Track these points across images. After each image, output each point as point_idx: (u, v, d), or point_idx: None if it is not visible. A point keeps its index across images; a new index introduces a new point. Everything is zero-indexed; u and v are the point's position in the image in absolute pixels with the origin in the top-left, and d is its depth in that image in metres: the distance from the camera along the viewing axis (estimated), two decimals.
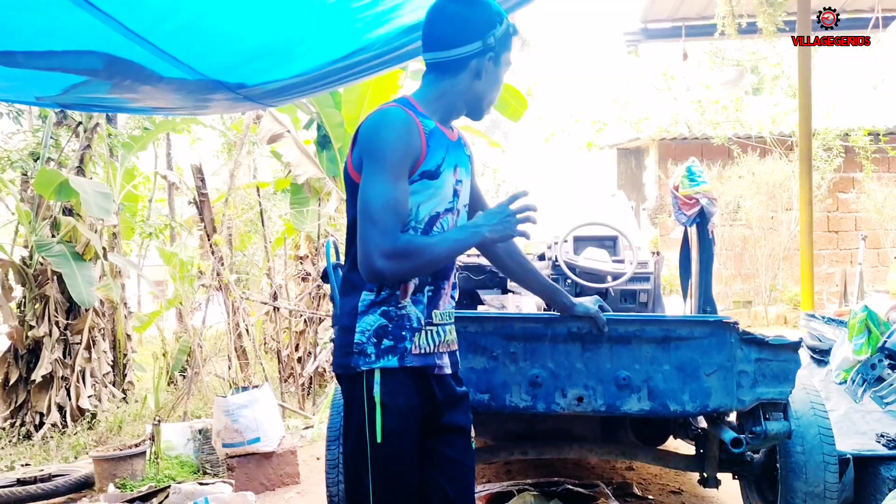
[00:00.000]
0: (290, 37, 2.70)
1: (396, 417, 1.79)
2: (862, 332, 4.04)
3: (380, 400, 1.78)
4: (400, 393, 1.80)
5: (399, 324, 1.82)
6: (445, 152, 1.87)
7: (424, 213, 1.84)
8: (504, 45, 1.91)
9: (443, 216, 1.88)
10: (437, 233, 1.86)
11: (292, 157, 6.67)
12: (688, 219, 3.80)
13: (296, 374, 6.54)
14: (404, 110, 1.81)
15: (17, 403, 5.70)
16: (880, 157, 11.73)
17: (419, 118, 1.83)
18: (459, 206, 1.96)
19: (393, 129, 1.77)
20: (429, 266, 1.82)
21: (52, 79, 2.76)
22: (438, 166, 1.84)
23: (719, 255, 10.90)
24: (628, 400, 2.61)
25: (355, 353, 1.82)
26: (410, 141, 1.78)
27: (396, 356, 1.81)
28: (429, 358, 1.87)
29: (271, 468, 4.36)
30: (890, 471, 3.17)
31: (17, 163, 6.13)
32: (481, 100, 1.95)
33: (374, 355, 1.80)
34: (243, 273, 8.55)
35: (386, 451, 1.78)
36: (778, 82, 18.80)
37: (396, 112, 1.80)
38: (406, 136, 1.77)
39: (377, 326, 1.82)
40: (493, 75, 1.92)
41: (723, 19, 9.28)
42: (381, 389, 1.79)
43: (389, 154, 1.76)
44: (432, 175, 1.83)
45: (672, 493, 4.03)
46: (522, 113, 6.90)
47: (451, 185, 1.90)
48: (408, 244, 1.75)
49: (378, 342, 1.81)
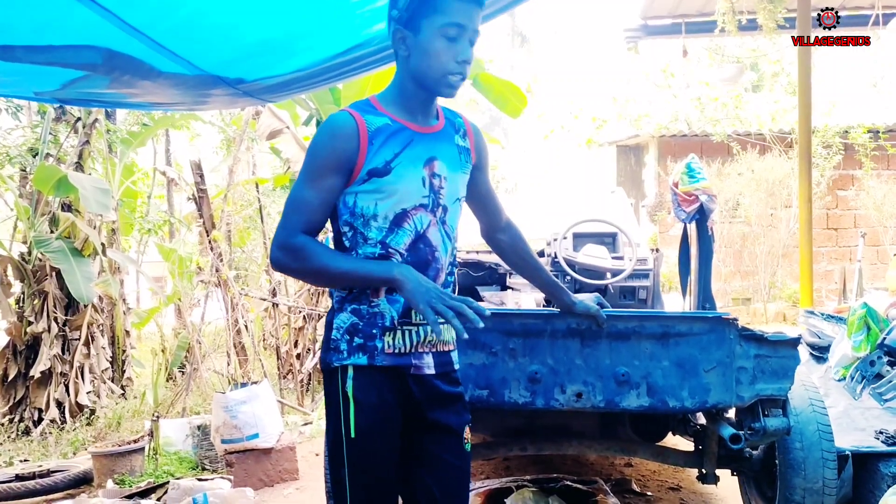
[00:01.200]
0: (289, 32, 2.69)
1: (369, 414, 1.79)
2: (861, 329, 4.04)
3: (352, 396, 1.79)
4: (372, 390, 1.80)
5: (370, 322, 1.81)
6: (402, 147, 1.81)
7: (384, 210, 1.80)
8: (418, 11, 1.77)
9: (413, 213, 1.82)
10: (408, 230, 1.82)
11: (291, 154, 6.66)
12: (687, 215, 3.80)
13: (295, 370, 6.54)
14: (348, 112, 1.81)
15: (15, 399, 5.70)
16: (880, 154, 11.73)
17: (366, 117, 1.80)
18: (444, 201, 1.88)
19: (320, 135, 1.81)
20: (316, 275, 1.83)
21: (50, 73, 2.76)
22: (388, 162, 1.79)
23: (718, 252, 10.91)
24: (627, 396, 2.61)
25: (331, 349, 1.83)
26: (335, 145, 1.77)
27: (366, 354, 1.80)
28: (403, 358, 1.83)
29: (270, 464, 4.36)
30: (888, 467, 3.18)
31: (15, 158, 6.12)
32: (424, 76, 1.81)
33: (346, 352, 1.81)
34: (242, 269, 8.54)
35: (359, 446, 1.78)
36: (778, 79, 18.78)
37: (334, 117, 1.82)
38: (329, 141, 1.78)
39: (350, 324, 1.82)
40: (420, 46, 1.78)
41: (723, 16, 9.28)
42: (353, 384, 1.79)
43: (309, 158, 1.81)
44: (381, 172, 1.78)
45: (671, 490, 4.03)
46: (522, 110, 6.87)
47: (419, 179, 1.82)
48: (302, 245, 1.76)
49: (350, 339, 1.81)
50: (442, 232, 1.88)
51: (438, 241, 1.87)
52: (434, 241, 1.86)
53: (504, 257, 2.30)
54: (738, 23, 9.25)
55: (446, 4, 1.75)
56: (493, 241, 2.26)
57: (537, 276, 2.32)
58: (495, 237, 2.25)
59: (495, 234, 2.24)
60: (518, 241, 2.26)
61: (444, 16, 1.76)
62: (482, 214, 2.20)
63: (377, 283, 1.78)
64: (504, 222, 2.24)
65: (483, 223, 2.24)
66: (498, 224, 2.23)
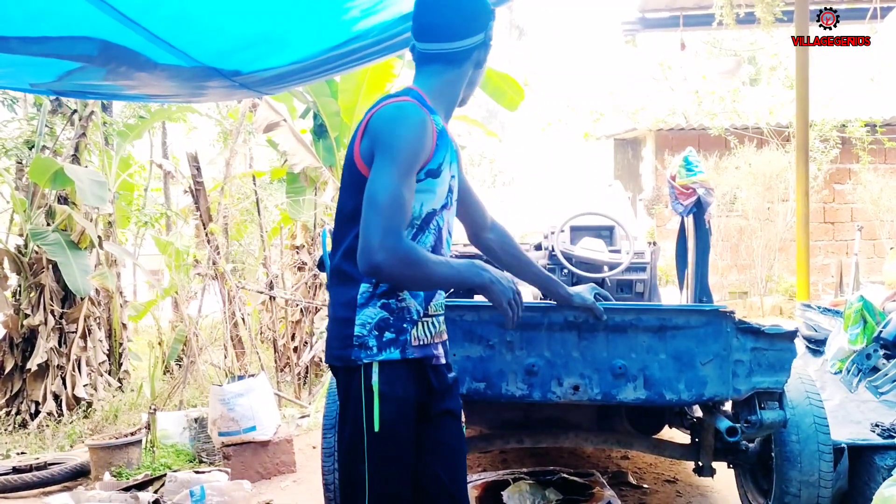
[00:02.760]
0: (286, 24, 2.68)
1: (394, 406, 1.79)
2: (857, 323, 4.04)
3: (378, 389, 1.77)
4: (398, 383, 1.80)
5: (400, 316, 1.82)
6: (447, 149, 1.87)
7: (424, 209, 1.83)
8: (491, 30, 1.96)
9: (439, 213, 1.88)
10: (433, 229, 1.85)
11: (288, 147, 6.65)
12: (684, 209, 3.81)
13: (292, 363, 6.54)
14: (420, 107, 1.80)
15: (12, 392, 5.70)
16: (877, 148, 11.73)
17: (432, 115, 1.83)
18: (453, 200, 1.97)
19: (410, 127, 1.76)
20: (421, 281, 1.78)
21: (46, 65, 2.74)
22: (440, 165, 1.83)
23: (716, 245, 10.91)
24: (624, 389, 2.62)
25: (355, 345, 1.80)
26: (424, 140, 1.77)
27: (399, 348, 1.81)
28: (427, 349, 1.88)
29: (267, 457, 4.36)
30: (884, 460, 3.18)
31: (11, 151, 6.11)
32: (474, 88, 2.00)
33: (377, 348, 1.80)
34: (239, 262, 8.54)
35: (383, 439, 1.78)
36: (775, 73, 18.76)
37: (414, 109, 1.79)
38: (421, 135, 1.77)
39: (378, 319, 1.81)
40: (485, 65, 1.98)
41: (721, 9, 9.26)
42: (381, 379, 1.78)
43: (404, 151, 1.74)
44: (435, 174, 1.82)
45: (667, 482, 4.05)
46: (519, 103, 6.86)
47: (448, 181, 1.90)
48: (411, 250, 1.71)
49: (380, 335, 1.80)
50: (450, 230, 1.96)
51: (446, 238, 1.94)
52: (445, 238, 1.92)
53: (494, 257, 2.30)
54: (735, 16, 9.22)
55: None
56: (480, 242, 2.27)
57: (530, 272, 2.32)
58: (483, 237, 2.26)
59: (482, 233, 2.25)
60: (506, 239, 2.27)
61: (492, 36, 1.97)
62: (466, 215, 2.21)
63: (467, 287, 1.82)
64: (489, 221, 2.25)
65: (468, 225, 2.25)
66: (483, 223, 2.24)
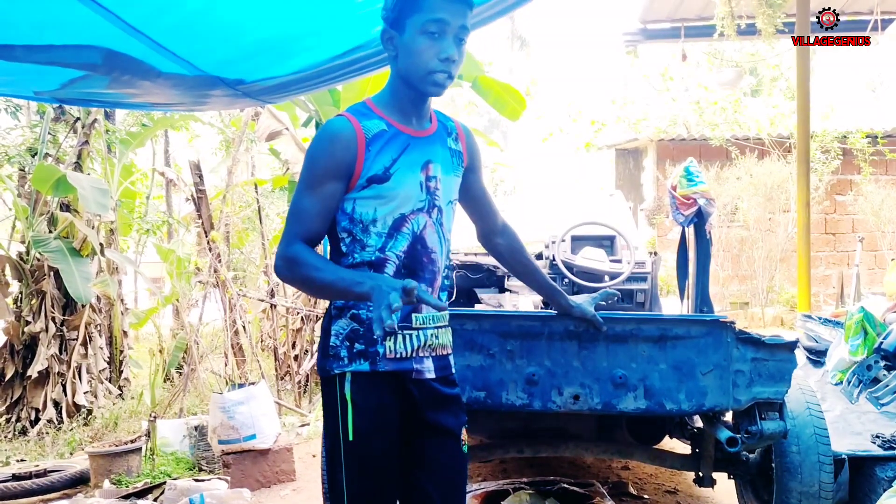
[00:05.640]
0: (289, 33, 2.70)
1: (368, 416, 1.78)
2: (858, 334, 4.05)
3: (350, 399, 1.78)
4: (372, 393, 1.79)
5: (371, 327, 1.76)
6: (400, 152, 1.81)
7: (383, 215, 1.80)
8: (403, 10, 1.76)
9: (411, 217, 1.82)
10: (405, 234, 1.82)
11: (290, 155, 6.67)
12: (685, 219, 3.81)
13: (292, 371, 6.53)
14: (346, 118, 1.80)
15: (12, 399, 5.70)
16: (878, 159, 11.75)
17: (363, 123, 1.79)
18: (439, 203, 1.88)
19: (316, 142, 1.80)
20: (308, 286, 1.79)
21: (50, 73, 2.76)
22: (387, 168, 1.78)
23: (716, 256, 10.92)
24: (624, 398, 2.61)
25: (330, 356, 1.82)
26: (333, 152, 1.76)
27: (368, 360, 1.79)
28: (405, 362, 1.82)
29: (267, 465, 4.35)
30: (885, 471, 3.18)
31: (14, 158, 6.13)
32: (410, 75, 1.79)
33: (347, 359, 1.80)
34: (240, 270, 8.55)
35: (357, 449, 1.78)
36: (776, 84, 18.82)
37: (331, 123, 1.80)
38: (328, 148, 1.77)
39: (349, 330, 1.81)
40: (405, 45, 1.77)
41: (722, 20, 9.29)
42: (352, 388, 1.78)
43: (308, 165, 1.79)
44: (381, 179, 1.78)
45: (667, 493, 4.03)
46: (521, 112, 6.88)
47: (417, 184, 1.83)
48: (296, 254, 1.73)
49: (350, 346, 1.80)
50: (439, 233, 1.89)
51: (435, 242, 1.88)
52: (430, 243, 1.86)
53: (501, 261, 2.30)
54: (737, 27, 9.25)
55: (428, 2, 1.74)
56: (490, 244, 2.26)
57: (535, 280, 2.32)
58: (492, 240, 2.25)
59: (492, 237, 2.24)
60: (515, 244, 2.26)
61: (425, 13, 1.74)
62: (477, 217, 2.20)
63: (354, 299, 1.74)
64: (500, 225, 2.24)
65: (479, 226, 2.24)
66: (494, 227, 2.23)
